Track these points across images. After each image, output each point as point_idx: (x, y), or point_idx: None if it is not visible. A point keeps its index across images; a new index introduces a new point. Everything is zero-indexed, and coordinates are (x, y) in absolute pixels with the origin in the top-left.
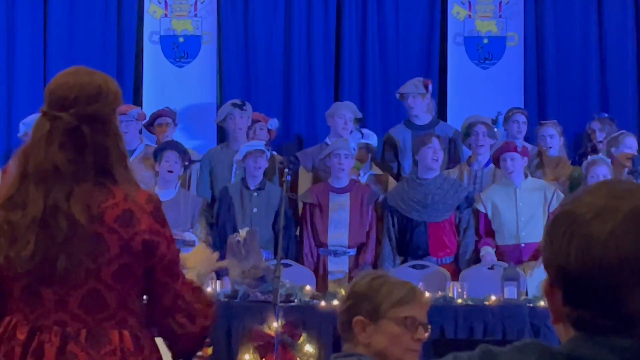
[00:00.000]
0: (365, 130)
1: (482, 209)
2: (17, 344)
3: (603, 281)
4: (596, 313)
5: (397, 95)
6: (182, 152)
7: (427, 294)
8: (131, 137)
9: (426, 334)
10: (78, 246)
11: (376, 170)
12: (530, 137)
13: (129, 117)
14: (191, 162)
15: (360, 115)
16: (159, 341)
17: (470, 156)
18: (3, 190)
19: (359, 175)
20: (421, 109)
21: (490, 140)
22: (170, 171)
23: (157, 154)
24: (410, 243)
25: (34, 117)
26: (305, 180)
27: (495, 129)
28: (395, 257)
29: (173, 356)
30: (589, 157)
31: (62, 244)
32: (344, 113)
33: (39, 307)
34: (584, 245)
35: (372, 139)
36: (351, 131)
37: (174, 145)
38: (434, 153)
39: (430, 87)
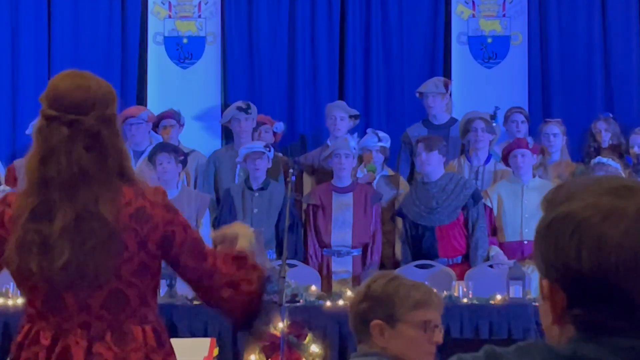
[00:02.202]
0: (380, 133)
1: (488, 204)
2: (41, 349)
3: (619, 282)
4: (609, 314)
5: (417, 94)
6: (172, 151)
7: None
8: (141, 139)
9: (441, 335)
10: (105, 249)
11: (388, 171)
12: (532, 136)
13: (138, 119)
14: (186, 156)
15: (353, 112)
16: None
17: (468, 150)
18: (23, 203)
19: (374, 178)
20: (440, 108)
21: (489, 135)
22: (165, 172)
23: (151, 159)
24: (420, 247)
25: None
26: (307, 185)
27: (494, 124)
28: (409, 262)
29: (236, 328)
30: (596, 158)
31: (92, 249)
32: (334, 113)
33: (61, 311)
34: (597, 247)
35: (386, 141)
36: (364, 131)
37: (163, 147)
38: (420, 161)
39: (450, 86)
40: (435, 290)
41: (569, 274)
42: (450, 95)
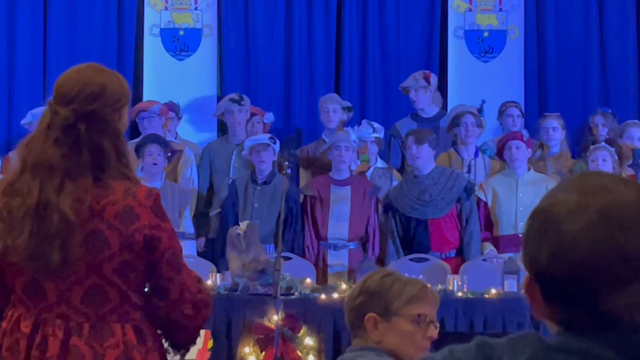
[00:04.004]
0: (374, 124)
1: (482, 197)
2: (22, 337)
3: (575, 280)
4: (573, 311)
5: (402, 91)
6: (163, 144)
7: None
8: (152, 133)
9: (436, 332)
10: (72, 241)
11: (383, 163)
12: (528, 130)
13: (150, 113)
14: (174, 152)
15: (346, 104)
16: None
17: (457, 144)
18: (6, 177)
19: (367, 168)
20: (425, 102)
21: (478, 129)
22: (154, 164)
23: (138, 149)
24: (412, 241)
25: (43, 109)
26: (303, 178)
27: (481, 118)
28: (400, 257)
29: (174, 347)
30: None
31: (55, 237)
32: (328, 106)
33: (42, 301)
34: (555, 244)
35: (380, 132)
36: (359, 124)
37: (154, 139)
38: (410, 154)
39: (432, 79)
40: (431, 286)
41: (535, 268)
42: (445, 87)
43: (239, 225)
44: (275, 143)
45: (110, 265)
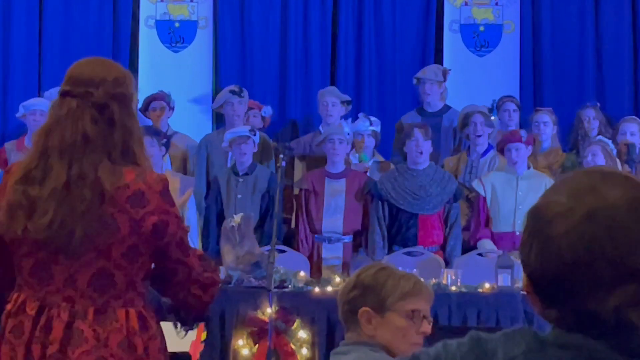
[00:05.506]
0: (371, 117)
1: (482, 192)
2: (27, 319)
3: (561, 282)
4: (562, 311)
5: (414, 80)
6: (155, 133)
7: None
8: None
9: (429, 327)
10: (95, 219)
11: (379, 158)
12: (523, 125)
13: None
14: (168, 139)
15: (345, 98)
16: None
17: (469, 146)
18: (20, 166)
19: (367, 170)
20: (436, 96)
21: (488, 129)
22: (151, 156)
23: None
24: (398, 233)
25: (34, 101)
26: (299, 170)
27: (492, 117)
28: (384, 245)
29: (183, 324)
30: (598, 137)
31: (82, 213)
32: (326, 99)
33: (48, 284)
34: (541, 245)
35: (377, 125)
36: (356, 117)
37: (145, 130)
38: (416, 146)
39: (447, 76)
40: (425, 281)
41: (526, 267)
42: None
43: (232, 216)
44: (255, 135)
45: (119, 249)
